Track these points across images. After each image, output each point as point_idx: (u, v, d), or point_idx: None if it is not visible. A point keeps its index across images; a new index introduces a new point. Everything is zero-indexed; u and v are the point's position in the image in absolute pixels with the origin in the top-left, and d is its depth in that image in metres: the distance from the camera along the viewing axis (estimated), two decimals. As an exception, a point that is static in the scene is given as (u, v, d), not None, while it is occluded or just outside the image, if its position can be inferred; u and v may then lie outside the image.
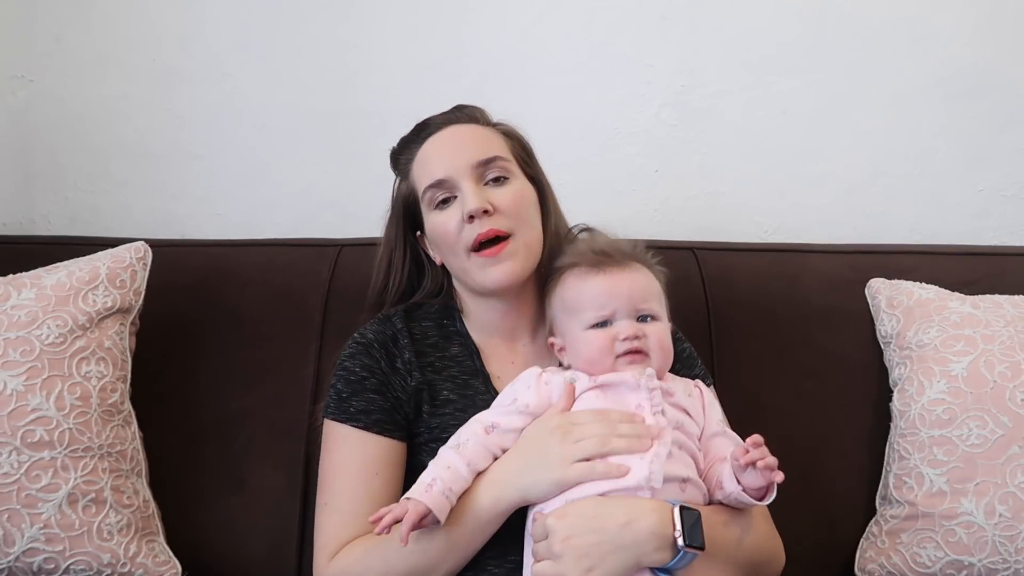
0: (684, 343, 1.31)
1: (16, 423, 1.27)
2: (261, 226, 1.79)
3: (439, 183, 1.20)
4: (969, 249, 1.67)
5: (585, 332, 1.13)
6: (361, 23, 1.80)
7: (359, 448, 1.16)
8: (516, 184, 1.22)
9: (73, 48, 1.81)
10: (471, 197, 1.16)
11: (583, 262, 1.16)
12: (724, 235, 1.71)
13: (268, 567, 1.41)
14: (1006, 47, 1.79)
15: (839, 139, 1.81)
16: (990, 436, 1.34)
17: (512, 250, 1.17)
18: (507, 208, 1.18)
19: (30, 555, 1.27)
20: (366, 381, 1.20)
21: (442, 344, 1.25)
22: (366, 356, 1.21)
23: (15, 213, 1.83)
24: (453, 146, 1.22)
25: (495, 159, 1.21)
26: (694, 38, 1.80)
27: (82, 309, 1.35)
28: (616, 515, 1.00)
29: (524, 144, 1.30)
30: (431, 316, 1.28)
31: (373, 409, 1.18)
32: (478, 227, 1.16)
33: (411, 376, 1.20)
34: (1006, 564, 1.32)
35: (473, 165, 1.19)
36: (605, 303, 1.13)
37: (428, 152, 1.24)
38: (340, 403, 1.19)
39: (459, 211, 1.18)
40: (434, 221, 1.21)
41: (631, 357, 1.11)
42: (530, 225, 1.21)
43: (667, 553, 0.99)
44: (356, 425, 1.17)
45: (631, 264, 1.16)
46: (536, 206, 1.24)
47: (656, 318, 1.15)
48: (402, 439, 1.19)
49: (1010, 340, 1.40)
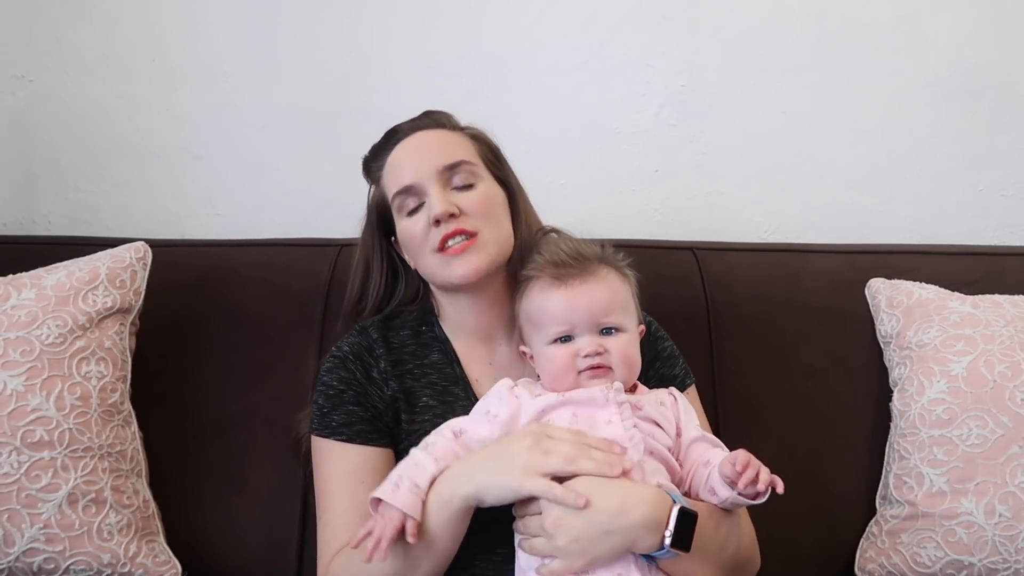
0: (666, 341, 1.31)
1: (16, 423, 1.27)
2: (261, 226, 1.79)
3: (407, 189, 1.21)
4: (969, 249, 1.67)
5: (547, 348, 1.13)
6: (361, 23, 1.80)
7: (343, 461, 1.18)
8: (483, 187, 1.22)
9: (73, 48, 1.81)
10: (437, 201, 1.18)
11: (544, 274, 1.15)
12: (724, 235, 1.71)
13: (268, 567, 1.41)
14: (1006, 47, 1.79)
15: (839, 139, 1.81)
16: (990, 436, 1.34)
17: (478, 246, 1.18)
18: (474, 210, 1.19)
19: (30, 555, 1.27)
20: (344, 394, 1.21)
21: (420, 352, 1.26)
22: (342, 369, 1.23)
23: (15, 213, 1.83)
24: (420, 152, 1.23)
25: (461, 163, 1.22)
26: (694, 38, 1.80)
27: (82, 309, 1.35)
28: (611, 501, 1.00)
29: (492, 147, 1.30)
30: (408, 324, 1.29)
31: (354, 421, 1.19)
32: (444, 229, 1.17)
33: (387, 385, 1.21)
34: (1006, 564, 1.32)
35: (439, 170, 1.20)
36: (565, 319, 1.11)
37: (396, 159, 1.25)
38: (322, 418, 1.21)
39: (426, 216, 1.19)
40: (403, 227, 1.23)
41: (593, 372, 1.10)
42: (498, 224, 1.21)
43: (656, 540, 0.99)
44: (339, 438, 1.19)
45: (595, 271, 1.14)
46: (505, 207, 1.25)
47: (620, 329, 1.13)
48: (387, 446, 1.20)
49: (1010, 340, 1.40)
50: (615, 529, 0.99)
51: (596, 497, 1.00)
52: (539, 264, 1.16)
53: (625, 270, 1.18)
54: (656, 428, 1.11)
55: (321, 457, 1.21)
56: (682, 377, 1.28)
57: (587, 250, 1.16)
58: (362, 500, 1.11)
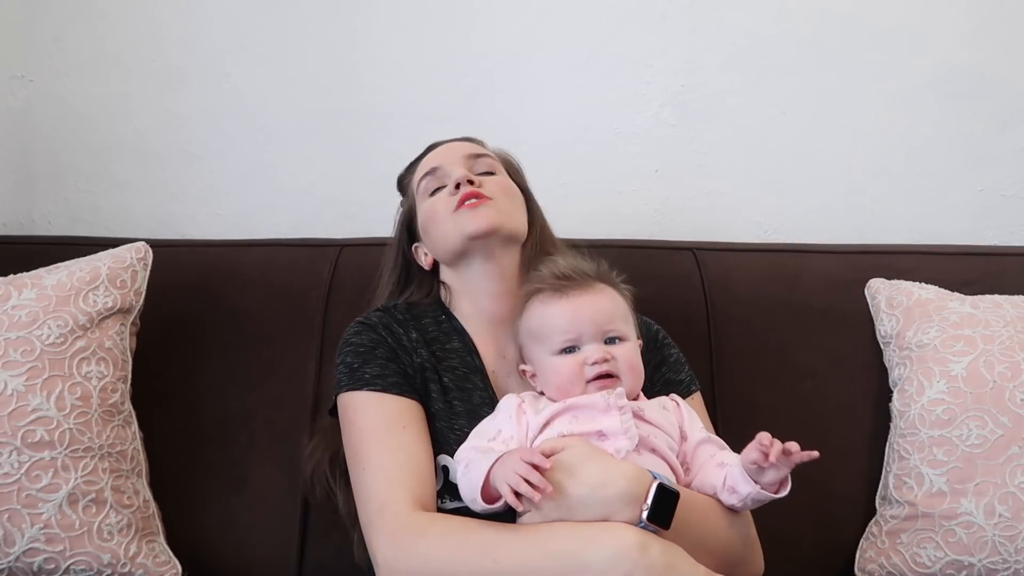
0: (672, 348, 1.31)
1: (16, 423, 1.27)
2: (261, 226, 1.79)
3: (432, 171, 1.30)
4: (969, 249, 1.68)
5: (553, 358, 1.13)
6: (362, 23, 1.80)
7: (380, 409, 1.17)
8: (503, 177, 1.31)
9: (73, 48, 1.81)
10: (458, 171, 1.26)
11: (546, 288, 1.16)
12: (724, 235, 1.71)
13: (269, 567, 1.41)
14: (1006, 47, 1.79)
15: (839, 139, 1.81)
16: (990, 436, 1.34)
17: (493, 204, 1.23)
18: (492, 188, 1.26)
19: (30, 555, 1.27)
20: (376, 350, 1.21)
21: (442, 338, 1.27)
22: (372, 332, 1.24)
23: (15, 213, 1.83)
24: (447, 148, 1.34)
25: (485, 155, 1.32)
26: (694, 38, 1.80)
27: (83, 309, 1.35)
28: (593, 474, 1.01)
29: (515, 165, 1.39)
30: (428, 314, 1.30)
31: (388, 373, 1.19)
32: (462, 192, 1.24)
33: (417, 353, 1.22)
34: (1006, 564, 1.32)
35: (464, 156, 1.30)
36: (570, 328, 1.12)
37: (426, 158, 1.35)
38: (352, 373, 1.20)
39: (448, 188, 1.26)
40: (425, 207, 1.29)
41: (601, 382, 1.11)
42: (514, 203, 1.28)
43: (633, 515, 0.99)
44: (373, 389, 1.18)
45: (594, 285, 1.16)
46: (522, 201, 1.31)
47: (624, 338, 1.14)
48: (420, 401, 1.19)
49: (1010, 340, 1.40)
50: (594, 502, 1.00)
51: (580, 470, 1.01)
52: (539, 279, 1.18)
53: (621, 287, 1.20)
54: (658, 431, 1.11)
55: (354, 411, 1.18)
56: (687, 383, 1.28)
57: (585, 267, 1.19)
58: (408, 445, 1.13)
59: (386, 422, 1.16)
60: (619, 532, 0.98)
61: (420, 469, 1.13)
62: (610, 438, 1.07)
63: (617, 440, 1.07)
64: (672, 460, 1.11)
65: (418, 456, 1.14)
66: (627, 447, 1.06)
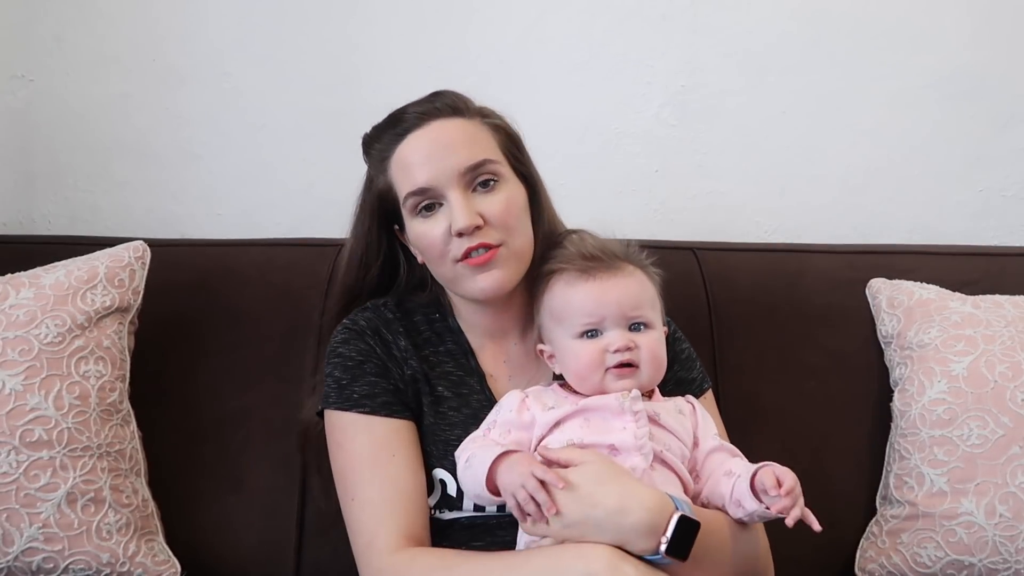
0: (684, 343, 1.29)
1: (15, 422, 1.27)
2: (261, 226, 1.79)
3: (423, 191, 1.13)
4: (969, 249, 1.68)
5: (573, 342, 1.08)
6: (362, 22, 1.80)
7: (368, 434, 1.13)
8: (506, 188, 1.15)
9: (73, 48, 1.81)
10: (460, 213, 1.10)
11: (571, 268, 1.10)
12: (724, 235, 1.71)
13: (266, 566, 1.41)
14: (1005, 47, 1.79)
15: (839, 139, 1.81)
16: (990, 436, 1.34)
17: (502, 258, 1.12)
18: (497, 218, 1.12)
19: (29, 555, 1.26)
20: (364, 365, 1.16)
21: (435, 340, 1.22)
22: (360, 342, 1.18)
23: (15, 213, 1.83)
24: (437, 149, 1.13)
25: (484, 163, 1.13)
26: (694, 38, 1.80)
27: (81, 308, 1.35)
28: (611, 498, 0.98)
29: (514, 137, 1.22)
30: (420, 311, 1.24)
31: (377, 392, 1.15)
32: (467, 241, 1.11)
33: (407, 364, 1.18)
34: (1006, 564, 1.32)
35: (460, 172, 1.12)
36: (594, 311, 1.07)
37: (408, 153, 1.15)
38: (341, 391, 1.16)
39: (445, 221, 1.12)
40: (418, 230, 1.15)
41: (621, 371, 1.06)
42: (521, 232, 1.15)
43: (651, 546, 0.97)
44: (361, 411, 1.14)
45: (623, 267, 1.11)
46: (526, 209, 1.18)
47: (649, 326, 1.09)
48: (410, 419, 1.16)
49: (1010, 340, 1.40)
50: (609, 527, 0.97)
51: (597, 492, 0.98)
52: (564, 257, 1.12)
53: (651, 269, 1.15)
54: (672, 438, 1.08)
55: (342, 434, 1.15)
56: (699, 381, 1.26)
57: (614, 247, 1.13)
58: (395, 474, 1.10)
59: (374, 450, 1.12)
60: (591, 556, 0.96)
61: (408, 500, 1.11)
62: (623, 454, 1.04)
63: (631, 457, 1.03)
64: (683, 472, 1.07)
65: (406, 486, 1.11)
66: (642, 465, 1.03)
